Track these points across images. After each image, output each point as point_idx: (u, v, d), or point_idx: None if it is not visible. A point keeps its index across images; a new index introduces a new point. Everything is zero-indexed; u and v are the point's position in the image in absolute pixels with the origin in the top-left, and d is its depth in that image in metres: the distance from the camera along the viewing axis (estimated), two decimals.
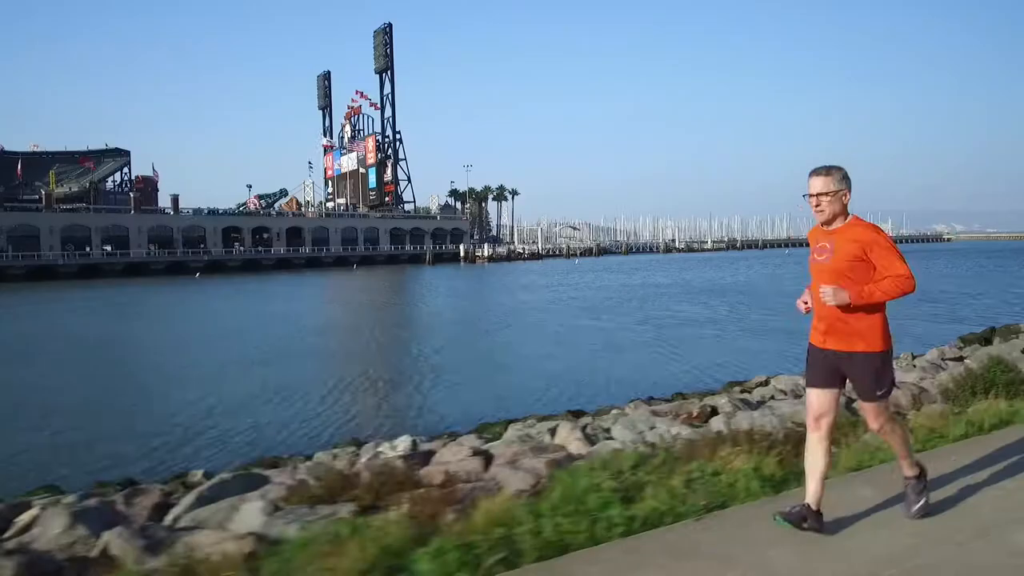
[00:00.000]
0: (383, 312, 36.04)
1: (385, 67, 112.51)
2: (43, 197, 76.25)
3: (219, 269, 76.06)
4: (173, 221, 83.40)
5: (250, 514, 4.44)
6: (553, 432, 7.06)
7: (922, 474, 3.55)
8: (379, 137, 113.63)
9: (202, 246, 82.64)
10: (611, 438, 6.84)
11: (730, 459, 4.42)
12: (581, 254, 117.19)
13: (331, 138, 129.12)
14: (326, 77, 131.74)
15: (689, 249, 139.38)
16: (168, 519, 4.77)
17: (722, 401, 8.49)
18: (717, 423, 6.92)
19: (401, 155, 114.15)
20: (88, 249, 72.38)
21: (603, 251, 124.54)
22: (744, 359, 18.53)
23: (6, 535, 4.62)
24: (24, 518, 4.80)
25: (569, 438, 6.63)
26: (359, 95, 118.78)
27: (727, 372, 16.19)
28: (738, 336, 23.18)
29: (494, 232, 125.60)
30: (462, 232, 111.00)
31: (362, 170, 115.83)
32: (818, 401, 3.38)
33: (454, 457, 5.81)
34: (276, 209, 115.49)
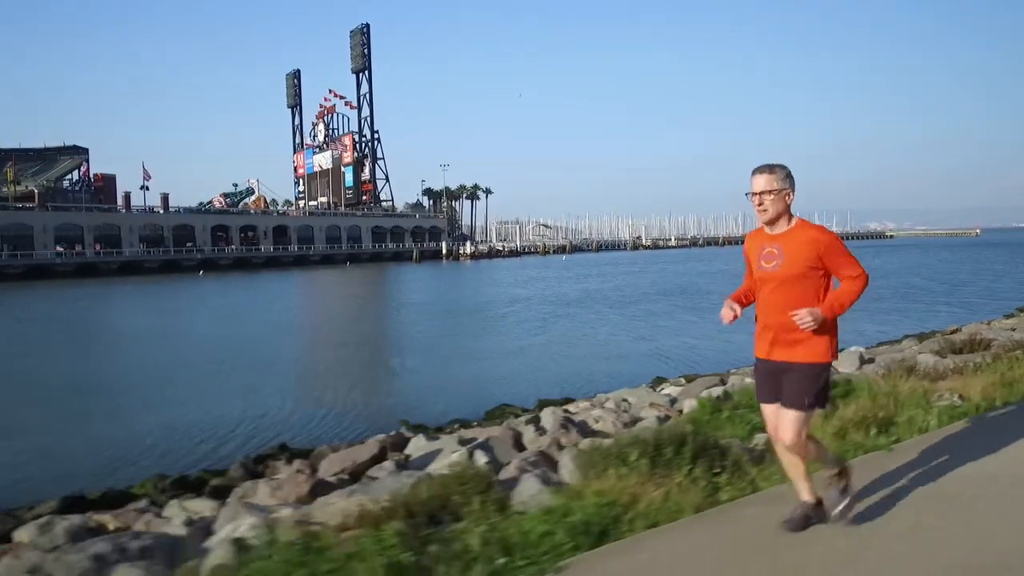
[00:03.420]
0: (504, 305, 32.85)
1: (362, 67, 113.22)
2: (35, 196, 74.71)
3: (211, 267, 75.83)
4: (163, 220, 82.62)
5: None
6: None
7: (843, 472, 3.44)
8: (356, 136, 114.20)
9: (190, 244, 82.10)
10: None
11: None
12: (556, 251, 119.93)
13: (302, 136, 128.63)
14: (295, 76, 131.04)
15: (655, 246, 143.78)
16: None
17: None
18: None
19: (379, 154, 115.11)
20: (81, 247, 71.36)
21: (575, 248, 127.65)
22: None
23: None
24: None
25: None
26: (333, 94, 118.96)
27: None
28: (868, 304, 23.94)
29: (463, 230, 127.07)
30: (440, 230, 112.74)
31: (342, 169, 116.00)
32: (773, 415, 3.32)
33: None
34: (240, 208, 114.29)
